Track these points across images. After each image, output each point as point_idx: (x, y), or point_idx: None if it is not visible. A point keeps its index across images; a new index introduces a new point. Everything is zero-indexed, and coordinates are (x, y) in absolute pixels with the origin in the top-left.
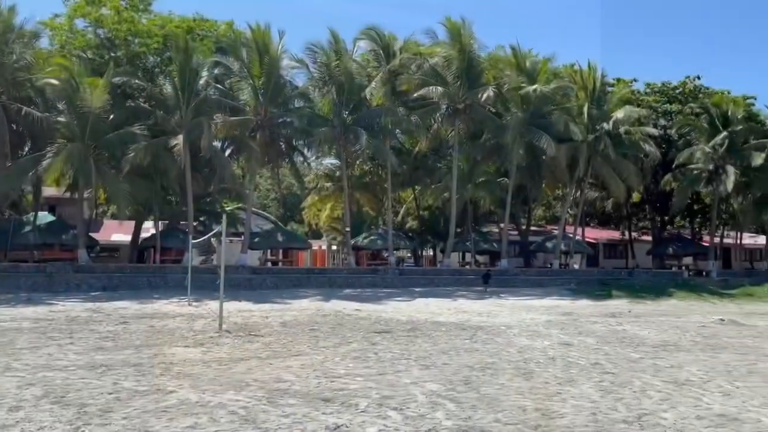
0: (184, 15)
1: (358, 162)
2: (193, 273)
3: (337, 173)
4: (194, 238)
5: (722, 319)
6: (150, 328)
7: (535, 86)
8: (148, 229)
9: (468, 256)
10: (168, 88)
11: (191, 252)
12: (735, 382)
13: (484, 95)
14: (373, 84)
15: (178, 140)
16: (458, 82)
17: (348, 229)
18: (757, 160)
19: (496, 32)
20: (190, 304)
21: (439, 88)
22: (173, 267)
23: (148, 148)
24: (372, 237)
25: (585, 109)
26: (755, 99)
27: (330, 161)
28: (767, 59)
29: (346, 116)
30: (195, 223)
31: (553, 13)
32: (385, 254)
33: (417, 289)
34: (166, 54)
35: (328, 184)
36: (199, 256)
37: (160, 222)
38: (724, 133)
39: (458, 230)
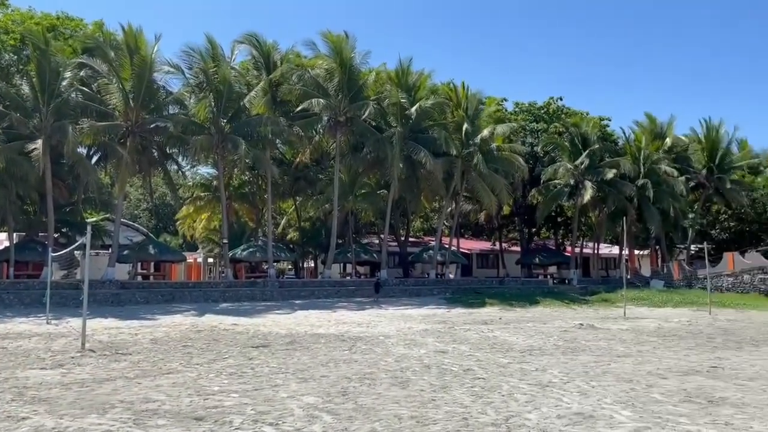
0: (47, 12)
1: (236, 171)
2: (53, 289)
3: (214, 183)
4: (55, 251)
5: (581, 324)
6: (1, 350)
7: (416, 105)
8: (1, 241)
9: (349, 267)
10: (26, 89)
11: (51, 266)
12: (591, 382)
13: (366, 110)
14: (253, 93)
15: (37, 145)
16: (340, 95)
17: (225, 240)
18: (611, 176)
19: (378, 49)
20: (48, 323)
21: (320, 100)
22: (30, 282)
23: (2, 153)
24: (251, 249)
25: (462, 126)
26: (610, 120)
27: (206, 170)
28: (619, 86)
29: (224, 124)
30: (56, 235)
31: (429, 31)
32: (265, 266)
33: (297, 302)
34: (24, 52)
35: (205, 194)
36: (61, 270)
37: (15, 233)
38: (587, 152)
39: (339, 241)
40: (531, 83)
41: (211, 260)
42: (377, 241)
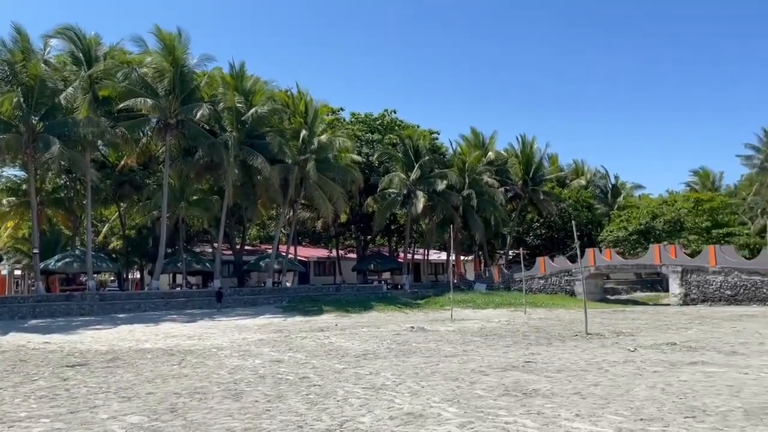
0: None
1: (50, 174)
2: None
3: (23, 186)
4: None
5: (412, 327)
6: None
7: (252, 110)
8: None
9: (179, 278)
10: None
11: None
12: (421, 382)
13: (199, 112)
14: (71, 89)
15: None
16: (171, 96)
17: (36, 250)
18: (440, 187)
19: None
20: None
21: (148, 100)
22: None
23: None
24: (67, 259)
25: (299, 133)
26: (438, 134)
27: (13, 172)
28: (448, 100)
29: (35, 122)
30: None
31: (266, 38)
32: (84, 278)
33: (121, 315)
34: None
35: (11, 199)
36: None
37: None
38: (419, 163)
39: (169, 250)
40: (367, 95)
41: (18, 272)
42: (211, 250)
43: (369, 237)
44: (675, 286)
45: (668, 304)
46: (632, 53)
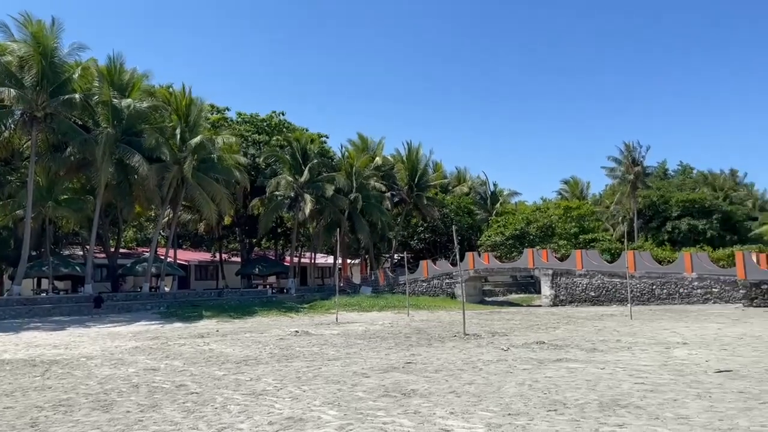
0: None
1: None
2: None
3: None
4: None
5: (297, 331)
6: None
7: (128, 101)
8: None
9: (45, 283)
10: None
11: None
12: (303, 386)
13: (70, 105)
14: None
15: None
16: (38, 87)
17: None
18: (329, 190)
19: (91, 42)
20: None
21: (12, 90)
22: None
23: None
24: None
25: (177, 131)
26: (327, 137)
27: None
28: (338, 105)
29: None
30: None
31: (151, 34)
32: None
33: None
34: None
35: None
36: None
37: None
38: (307, 166)
39: (33, 253)
40: (257, 97)
41: None
42: (82, 253)
43: (254, 240)
44: (546, 288)
45: (540, 305)
46: (514, 63)
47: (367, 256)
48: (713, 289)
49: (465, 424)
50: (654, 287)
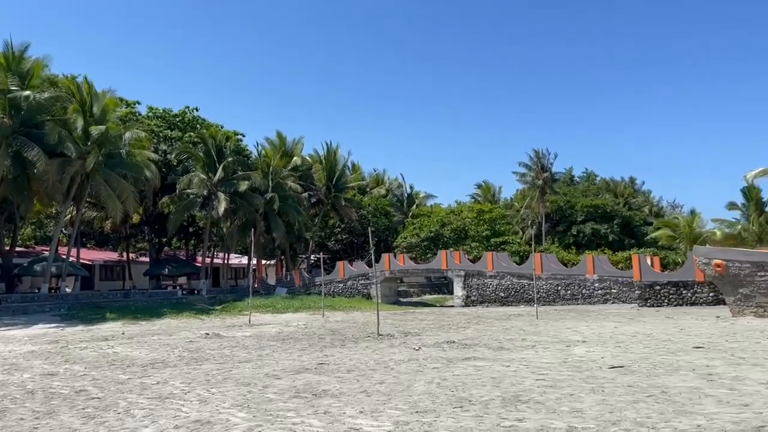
0: None
1: None
2: None
3: None
4: None
5: (207, 334)
6: None
7: (27, 92)
8: None
9: None
10: None
11: None
12: (212, 389)
13: None
14: None
15: None
16: None
17: None
18: (244, 188)
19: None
20: None
21: None
22: None
23: None
24: None
25: (79, 122)
26: (244, 135)
27: None
28: (255, 103)
29: None
30: None
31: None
32: None
33: None
34: None
35: None
36: None
37: None
38: (222, 164)
39: None
40: (169, 91)
41: None
42: None
43: (164, 239)
44: (458, 289)
45: (452, 306)
46: (428, 71)
47: (282, 257)
48: (612, 290)
49: (374, 423)
50: (559, 288)
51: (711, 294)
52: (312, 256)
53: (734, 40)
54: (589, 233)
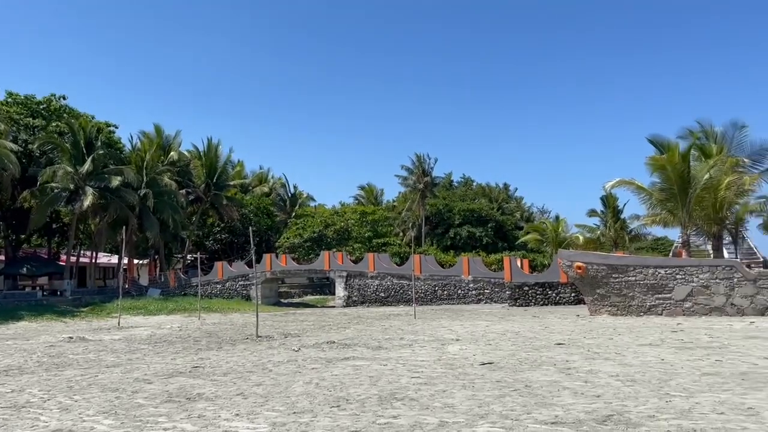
0: None
1: None
2: None
3: None
4: None
5: (71, 337)
6: None
7: None
8: None
9: None
10: None
11: None
12: (75, 396)
13: None
14: None
15: None
16: None
17: None
18: (115, 183)
19: None
20: None
21: None
22: None
23: None
24: None
25: None
26: (116, 127)
27: None
28: (132, 94)
29: None
30: None
31: None
32: None
33: None
34: None
35: None
36: None
37: None
38: (91, 157)
39: None
40: (29, 78)
41: None
42: None
43: (23, 236)
44: (340, 289)
45: (334, 306)
46: (312, 75)
47: (157, 257)
48: (485, 291)
49: (250, 425)
50: (437, 288)
51: (573, 294)
52: (189, 256)
53: (588, 68)
54: (465, 236)
